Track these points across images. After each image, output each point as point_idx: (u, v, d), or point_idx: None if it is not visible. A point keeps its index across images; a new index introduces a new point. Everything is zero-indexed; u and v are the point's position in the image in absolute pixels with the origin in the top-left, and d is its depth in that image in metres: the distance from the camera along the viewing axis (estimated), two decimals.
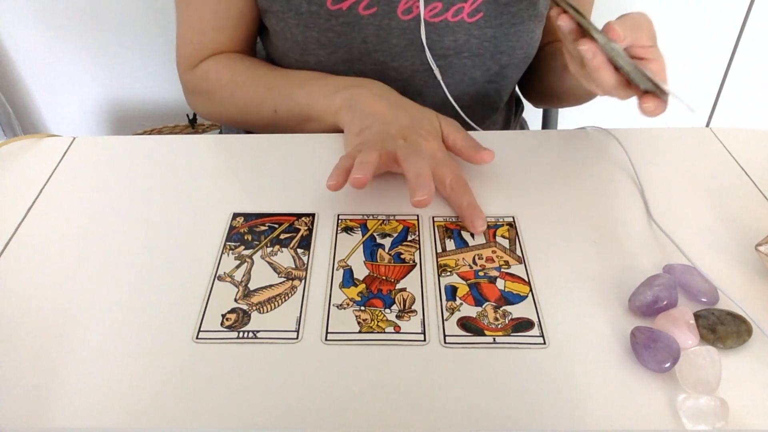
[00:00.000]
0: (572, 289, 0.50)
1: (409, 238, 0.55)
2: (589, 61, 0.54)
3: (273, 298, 0.49)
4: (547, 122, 0.96)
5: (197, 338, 0.46)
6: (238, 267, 0.52)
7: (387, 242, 0.54)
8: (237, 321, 0.47)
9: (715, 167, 0.64)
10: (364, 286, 0.50)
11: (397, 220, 0.57)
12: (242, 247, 0.54)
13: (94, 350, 0.45)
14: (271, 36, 0.73)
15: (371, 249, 0.54)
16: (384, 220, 0.57)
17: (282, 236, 0.55)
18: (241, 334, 0.46)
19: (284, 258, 0.53)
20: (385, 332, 0.46)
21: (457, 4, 0.67)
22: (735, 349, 0.45)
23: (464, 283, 0.50)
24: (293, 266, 0.52)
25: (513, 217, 0.57)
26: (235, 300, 0.49)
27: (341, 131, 0.64)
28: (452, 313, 0.48)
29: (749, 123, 1.47)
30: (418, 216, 0.57)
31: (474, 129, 0.73)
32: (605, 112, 1.44)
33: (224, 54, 0.72)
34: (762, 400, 0.42)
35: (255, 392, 0.42)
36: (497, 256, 0.53)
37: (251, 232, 0.55)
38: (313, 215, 0.57)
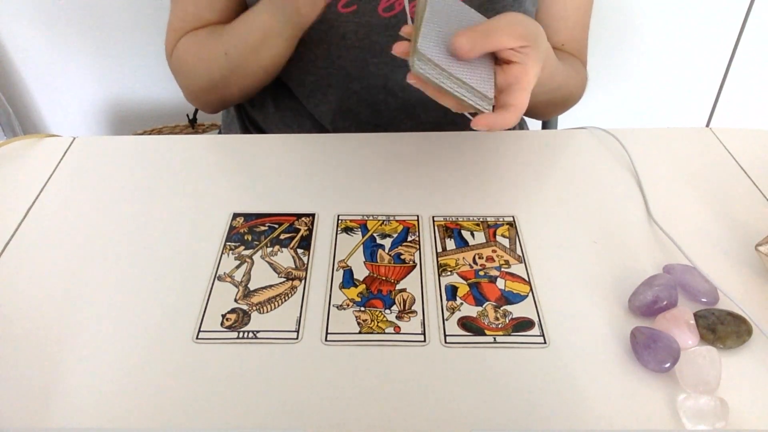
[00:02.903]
0: (572, 289, 0.50)
1: (409, 239, 0.55)
2: (428, 92, 0.52)
3: (273, 298, 0.49)
4: (547, 122, 0.96)
5: (197, 338, 0.46)
6: (238, 267, 0.52)
7: (387, 243, 0.54)
8: (237, 321, 0.47)
9: (715, 167, 0.64)
10: (364, 286, 0.50)
11: (397, 221, 0.57)
12: (242, 247, 0.54)
13: (95, 350, 0.45)
14: None
15: (371, 249, 0.54)
16: (384, 221, 0.57)
17: (282, 236, 0.55)
18: (241, 334, 0.46)
19: (284, 258, 0.53)
20: (385, 333, 0.46)
21: None
22: (735, 349, 0.45)
23: (464, 282, 0.50)
24: (293, 266, 0.52)
25: (513, 217, 0.57)
26: (235, 300, 0.49)
27: (286, 46, 0.66)
28: (453, 313, 0.48)
29: (749, 123, 1.47)
30: (418, 216, 0.57)
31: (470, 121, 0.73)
32: (605, 112, 1.44)
33: (192, 31, 0.73)
34: (762, 400, 0.42)
35: (255, 392, 0.42)
36: (497, 256, 0.53)
37: (251, 232, 0.55)
38: (313, 215, 0.57)
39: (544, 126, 0.94)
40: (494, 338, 0.46)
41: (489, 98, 0.49)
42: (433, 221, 0.57)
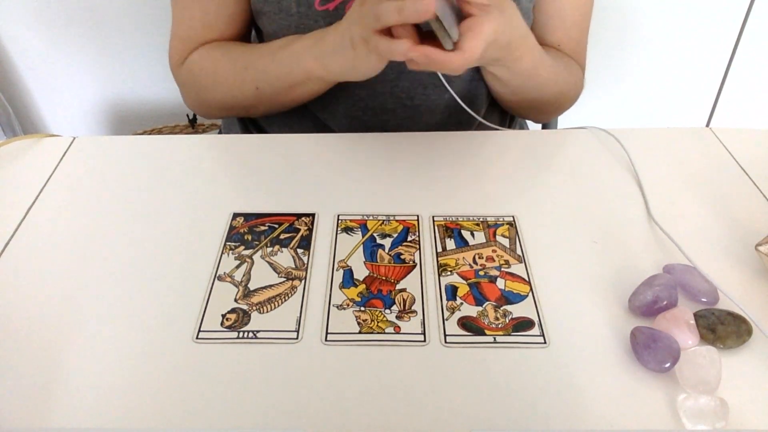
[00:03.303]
0: (572, 289, 0.50)
1: (409, 239, 0.55)
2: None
3: (273, 298, 0.49)
4: (547, 122, 0.96)
5: (197, 338, 0.46)
6: (238, 267, 0.52)
7: (387, 242, 0.54)
8: (237, 321, 0.47)
9: (715, 167, 0.64)
10: (364, 286, 0.50)
11: (397, 221, 0.57)
12: (242, 247, 0.54)
13: (94, 350, 0.45)
14: (265, 38, 0.73)
15: (371, 249, 0.54)
16: (384, 221, 0.57)
17: (282, 236, 0.55)
18: (241, 334, 0.46)
19: (284, 258, 0.53)
20: (385, 333, 0.46)
21: None
22: (735, 349, 0.45)
23: (464, 282, 0.50)
24: (293, 266, 0.52)
25: (513, 217, 0.57)
26: (235, 300, 0.49)
27: (325, 87, 0.66)
28: (453, 313, 0.48)
29: (749, 123, 1.47)
30: (418, 216, 0.57)
31: (476, 120, 0.73)
32: (605, 112, 1.44)
33: (206, 45, 0.72)
34: (762, 400, 0.42)
35: (255, 392, 0.42)
36: (497, 256, 0.53)
37: (251, 232, 0.55)
38: (313, 215, 0.57)
39: (544, 126, 0.94)
40: (494, 338, 0.46)
41: (453, 39, 0.50)
42: (433, 221, 0.57)
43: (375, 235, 0.55)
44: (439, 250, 0.54)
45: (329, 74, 0.62)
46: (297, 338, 0.46)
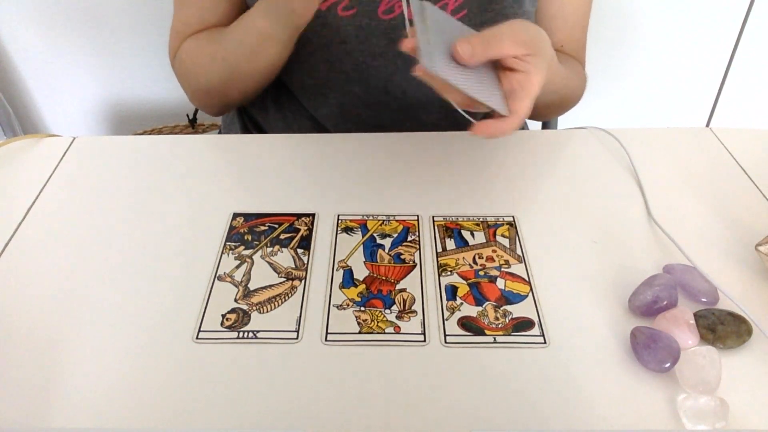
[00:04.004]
0: (572, 289, 0.50)
1: (409, 239, 0.55)
2: (434, 86, 0.51)
3: (273, 298, 0.49)
4: (547, 122, 0.96)
5: (197, 338, 0.46)
6: (238, 267, 0.52)
7: (387, 242, 0.54)
8: (237, 321, 0.47)
9: (715, 167, 0.64)
10: (364, 286, 0.50)
11: (397, 221, 0.57)
12: (242, 247, 0.54)
13: (94, 350, 0.45)
14: None
15: (371, 249, 0.54)
16: (384, 221, 0.57)
17: (282, 236, 0.55)
18: (241, 334, 0.46)
19: (284, 258, 0.53)
20: (385, 333, 0.46)
21: (440, 1, 0.67)
22: (735, 349, 0.45)
23: (464, 282, 0.50)
24: (293, 266, 0.52)
25: (513, 217, 0.57)
26: (235, 300, 0.49)
27: (284, 50, 0.65)
28: (453, 313, 0.48)
29: (749, 123, 1.47)
30: (418, 216, 0.57)
31: (471, 122, 0.73)
32: (605, 112, 1.44)
33: (195, 34, 0.73)
34: (762, 400, 0.42)
35: (255, 392, 0.42)
36: (497, 256, 0.53)
37: (251, 232, 0.55)
38: (313, 215, 0.57)
39: (544, 126, 0.94)
40: (494, 338, 0.46)
41: (502, 112, 0.49)
42: (433, 221, 0.57)
43: (375, 235, 0.55)
44: (439, 250, 0.54)
45: (273, 25, 0.62)
46: (297, 338, 0.46)
